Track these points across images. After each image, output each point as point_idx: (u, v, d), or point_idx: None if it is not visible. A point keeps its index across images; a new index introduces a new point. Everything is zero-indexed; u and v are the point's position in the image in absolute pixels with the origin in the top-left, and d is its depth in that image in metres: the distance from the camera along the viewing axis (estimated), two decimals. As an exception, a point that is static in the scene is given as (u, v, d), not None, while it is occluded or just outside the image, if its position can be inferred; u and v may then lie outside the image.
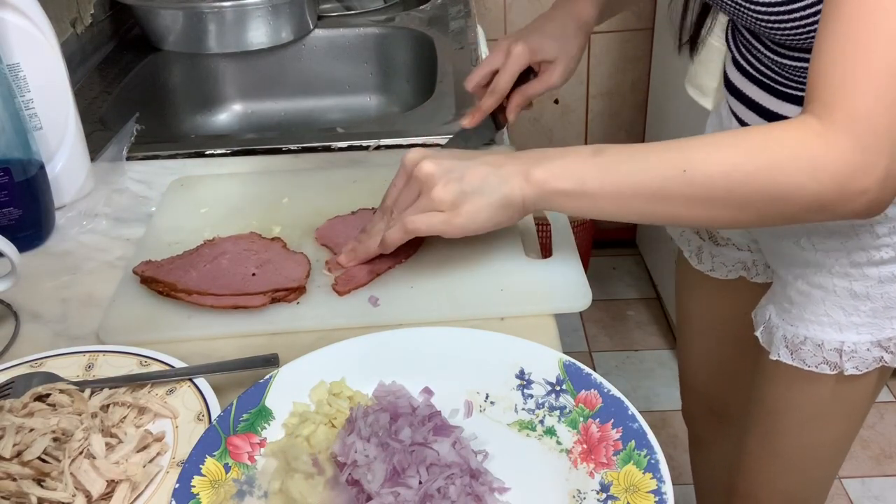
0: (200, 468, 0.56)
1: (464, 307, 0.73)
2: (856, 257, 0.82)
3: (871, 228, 0.80)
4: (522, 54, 0.91)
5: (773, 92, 0.81)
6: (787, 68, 0.77)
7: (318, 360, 0.65)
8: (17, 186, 0.84)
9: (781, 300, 0.90)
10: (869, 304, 0.83)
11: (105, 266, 0.84)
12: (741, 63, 0.85)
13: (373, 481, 0.54)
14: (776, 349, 0.90)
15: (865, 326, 0.84)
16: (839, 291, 0.84)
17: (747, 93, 0.84)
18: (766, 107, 0.82)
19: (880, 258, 0.81)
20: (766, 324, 0.92)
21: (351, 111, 1.46)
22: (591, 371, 0.62)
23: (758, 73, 0.82)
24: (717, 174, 0.64)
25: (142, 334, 0.71)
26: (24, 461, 0.55)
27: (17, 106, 0.84)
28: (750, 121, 0.85)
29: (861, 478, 1.81)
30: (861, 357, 0.85)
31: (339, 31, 1.45)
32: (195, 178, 0.97)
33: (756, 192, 0.64)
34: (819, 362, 0.87)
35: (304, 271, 0.77)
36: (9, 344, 0.73)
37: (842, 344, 0.85)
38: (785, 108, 0.80)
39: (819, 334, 0.86)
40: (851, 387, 0.88)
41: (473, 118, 0.94)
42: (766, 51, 0.79)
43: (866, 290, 0.83)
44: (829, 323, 0.85)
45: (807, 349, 0.87)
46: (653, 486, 0.53)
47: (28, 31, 0.87)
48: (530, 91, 0.94)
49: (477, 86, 0.95)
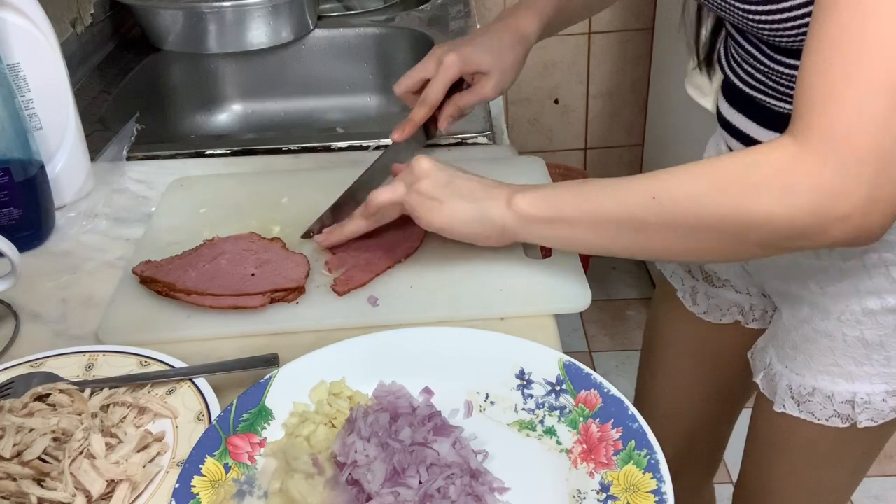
0: (200, 468, 0.56)
1: (464, 307, 0.73)
2: (868, 303, 0.75)
3: (886, 271, 0.74)
4: (454, 65, 0.89)
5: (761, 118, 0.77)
6: (780, 75, 0.73)
7: (318, 360, 0.65)
8: (17, 186, 0.84)
9: (784, 344, 0.84)
10: (883, 353, 0.77)
11: (105, 266, 0.84)
12: (733, 81, 0.79)
13: (373, 481, 0.54)
14: (780, 399, 0.84)
15: (879, 376, 0.78)
16: (849, 340, 0.78)
17: (735, 123, 0.80)
18: (753, 137, 0.78)
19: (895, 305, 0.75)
20: (767, 370, 0.86)
21: (351, 111, 1.46)
22: (591, 371, 0.62)
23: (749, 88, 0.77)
24: (684, 199, 0.62)
25: (141, 334, 0.71)
26: (24, 461, 0.55)
27: (17, 106, 0.84)
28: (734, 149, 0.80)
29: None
30: (876, 408, 0.79)
31: (339, 31, 1.45)
32: (195, 178, 0.97)
33: (725, 217, 0.60)
34: (830, 415, 0.81)
35: (304, 272, 0.77)
36: (9, 344, 0.73)
37: (854, 395, 0.79)
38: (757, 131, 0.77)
39: (829, 385, 0.80)
40: (864, 437, 0.82)
41: (404, 131, 0.92)
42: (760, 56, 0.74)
43: (880, 339, 0.76)
44: (840, 373, 0.79)
45: (816, 401, 0.81)
46: (653, 486, 0.53)
47: (28, 31, 0.87)
48: (462, 102, 0.92)
49: (406, 91, 0.94)
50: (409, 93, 0.94)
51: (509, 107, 2.29)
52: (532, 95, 2.28)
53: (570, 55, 2.23)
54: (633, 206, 0.64)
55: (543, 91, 2.28)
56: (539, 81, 2.25)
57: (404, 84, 0.93)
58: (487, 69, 0.90)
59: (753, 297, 0.93)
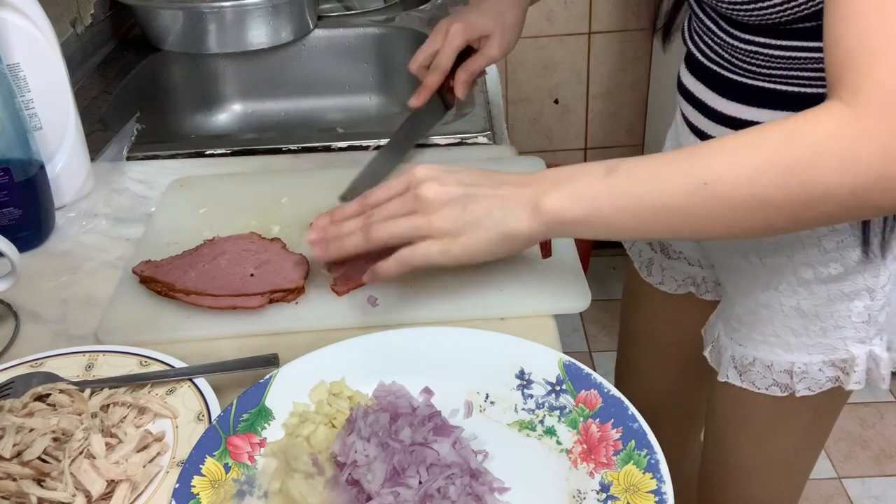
0: (200, 468, 0.56)
1: (464, 307, 0.73)
2: (803, 273, 0.79)
3: (818, 242, 0.77)
4: (459, 32, 0.94)
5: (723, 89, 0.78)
6: (735, 49, 0.74)
7: (317, 360, 0.65)
8: (17, 186, 0.84)
9: (730, 318, 0.88)
10: (819, 324, 0.80)
11: (105, 266, 0.84)
12: (693, 53, 0.83)
13: (373, 481, 0.54)
14: (724, 370, 0.88)
15: (817, 347, 0.81)
16: (787, 310, 0.81)
17: (694, 91, 0.83)
18: (709, 104, 0.80)
19: (828, 274, 0.78)
20: (715, 342, 0.90)
21: (351, 111, 1.46)
22: (591, 371, 0.62)
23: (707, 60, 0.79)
24: (742, 182, 0.58)
25: (141, 334, 0.71)
26: (24, 461, 0.55)
27: (17, 106, 0.84)
28: (698, 123, 0.83)
29: (861, 478, 1.81)
30: (813, 378, 0.82)
31: (339, 31, 1.45)
32: (195, 178, 0.97)
33: (786, 195, 0.58)
34: (769, 384, 0.85)
35: (303, 272, 0.77)
36: (9, 344, 0.73)
37: (792, 365, 0.83)
38: (732, 108, 0.78)
39: (768, 355, 0.84)
40: (805, 406, 0.86)
41: (420, 96, 0.97)
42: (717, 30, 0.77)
43: (815, 309, 0.80)
44: (778, 343, 0.83)
45: (756, 371, 0.85)
46: (653, 486, 0.53)
47: (28, 31, 0.87)
48: (473, 66, 0.97)
49: (420, 67, 0.98)
50: (423, 68, 0.98)
51: (509, 107, 2.29)
52: (532, 95, 2.28)
53: (570, 55, 2.23)
54: (683, 196, 0.61)
55: (543, 91, 2.28)
56: (539, 81, 2.25)
57: (418, 60, 0.98)
58: (490, 31, 0.96)
59: (705, 269, 0.98)
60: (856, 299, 0.79)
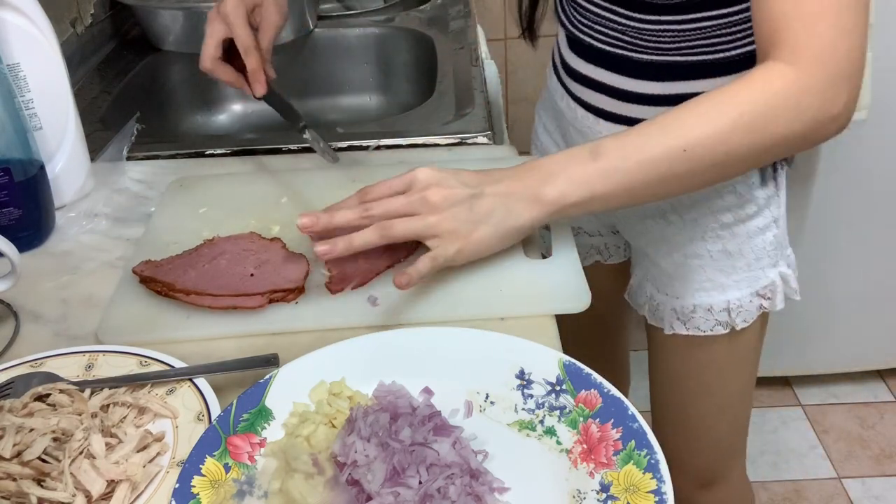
0: (200, 468, 0.56)
1: (464, 307, 0.73)
2: (723, 218, 0.89)
3: (733, 189, 0.87)
4: (237, 5, 0.89)
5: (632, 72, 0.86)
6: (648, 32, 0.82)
7: (317, 360, 0.65)
8: (17, 186, 0.84)
9: (659, 277, 0.96)
10: (743, 260, 0.90)
11: (105, 266, 0.84)
12: (590, 42, 0.88)
13: (373, 481, 0.54)
14: (669, 324, 0.95)
15: (745, 281, 0.91)
16: (715, 255, 0.90)
17: (599, 78, 0.89)
18: (625, 89, 0.87)
19: (746, 214, 0.89)
20: (650, 302, 0.98)
21: (351, 111, 1.46)
22: (591, 371, 0.62)
23: (613, 48, 0.86)
24: (716, 143, 0.68)
25: (141, 334, 0.71)
26: (24, 461, 0.55)
27: (17, 106, 0.84)
28: (605, 105, 0.89)
29: (861, 478, 1.81)
30: (746, 310, 0.92)
31: (339, 31, 1.45)
32: (195, 178, 0.97)
33: (751, 147, 0.68)
34: (713, 325, 0.93)
35: (303, 272, 0.77)
36: (9, 344, 0.73)
37: (728, 303, 0.92)
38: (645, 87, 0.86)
39: (706, 300, 0.92)
40: (742, 339, 0.95)
41: (259, 82, 0.92)
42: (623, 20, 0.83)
43: (739, 248, 0.90)
44: (713, 287, 0.91)
45: (699, 316, 0.93)
46: (653, 486, 0.53)
47: (28, 31, 0.87)
48: (264, 41, 0.92)
49: (214, 61, 0.92)
50: (217, 62, 0.92)
51: (509, 107, 2.29)
52: (532, 95, 2.27)
53: (570, 55, 2.23)
54: (667, 164, 0.69)
55: (543, 91, 2.27)
56: (539, 82, 2.25)
57: (207, 56, 0.91)
58: None
59: (605, 236, 1.07)
60: (767, 231, 0.91)
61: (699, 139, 0.68)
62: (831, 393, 2.02)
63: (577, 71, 0.91)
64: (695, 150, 0.68)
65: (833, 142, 1.41)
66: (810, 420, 1.96)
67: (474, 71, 1.24)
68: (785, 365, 1.99)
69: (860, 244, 1.77)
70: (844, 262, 1.79)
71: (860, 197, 1.71)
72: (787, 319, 1.88)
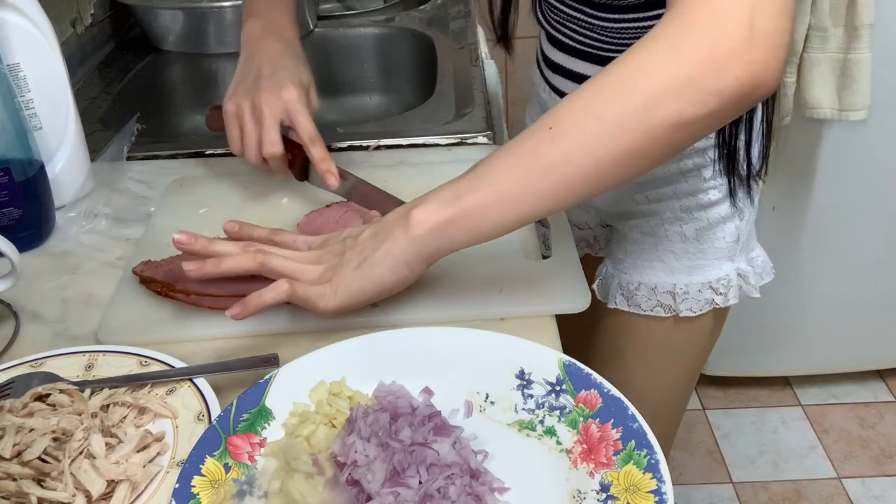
0: (200, 468, 0.56)
1: (464, 307, 0.73)
2: (686, 202, 0.88)
3: (698, 173, 0.87)
4: (301, 95, 0.85)
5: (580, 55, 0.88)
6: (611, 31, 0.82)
7: (317, 360, 0.65)
8: (17, 186, 0.84)
9: (616, 252, 0.96)
10: (698, 246, 0.90)
11: (105, 266, 0.84)
12: (564, 41, 0.90)
13: (373, 481, 0.54)
14: (612, 297, 0.95)
15: (696, 269, 0.90)
16: (671, 236, 0.90)
17: (578, 70, 0.90)
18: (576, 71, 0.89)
19: (708, 200, 0.88)
20: (602, 276, 0.98)
21: (351, 111, 1.46)
22: (591, 371, 0.62)
23: (585, 46, 0.87)
24: (581, 107, 0.61)
25: (141, 334, 0.71)
26: (24, 461, 0.55)
27: (17, 106, 0.84)
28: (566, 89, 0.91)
29: (861, 478, 1.81)
30: (694, 298, 0.91)
31: (339, 31, 1.45)
32: (195, 178, 0.97)
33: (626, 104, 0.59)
34: (654, 305, 0.92)
35: (304, 271, 0.76)
36: (9, 344, 0.73)
37: (674, 286, 0.91)
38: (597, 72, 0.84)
39: (652, 278, 0.92)
40: (688, 329, 0.94)
41: (333, 173, 0.84)
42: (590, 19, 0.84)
43: (696, 233, 0.89)
44: (662, 268, 0.91)
45: (641, 294, 0.93)
46: (653, 486, 0.53)
47: (28, 31, 0.87)
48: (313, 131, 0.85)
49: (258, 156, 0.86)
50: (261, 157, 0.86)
51: (509, 107, 2.28)
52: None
53: (570, 55, 2.23)
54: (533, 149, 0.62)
55: (543, 91, 2.27)
56: (539, 81, 2.25)
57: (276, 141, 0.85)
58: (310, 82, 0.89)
59: (595, 229, 1.07)
60: (729, 221, 0.89)
61: (564, 112, 0.61)
62: (831, 393, 2.03)
63: (557, 63, 0.93)
64: (561, 126, 0.61)
65: (833, 142, 1.44)
66: (810, 420, 1.96)
67: (474, 71, 1.24)
68: (785, 365, 1.99)
69: (860, 244, 1.77)
70: (844, 261, 1.80)
71: (860, 197, 1.71)
72: (787, 319, 1.88)
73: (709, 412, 1.99)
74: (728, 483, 1.81)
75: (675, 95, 0.58)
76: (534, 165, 0.62)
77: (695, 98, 0.58)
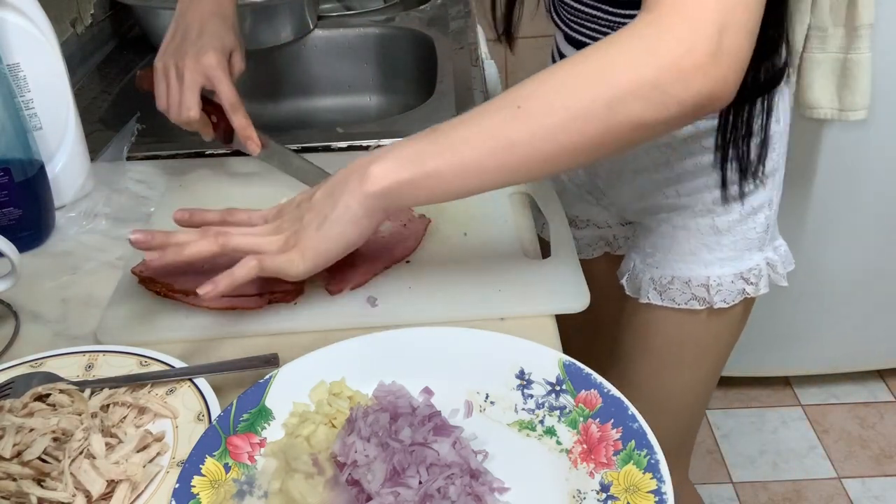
0: (200, 468, 0.56)
1: (464, 307, 0.73)
2: (718, 194, 0.88)
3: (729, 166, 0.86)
4: (221, 60, 0.87)
5: None
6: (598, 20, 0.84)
7: (317, 360, 0.65)
8: (17, 186, 0.84)
9: (644, 247, 0.96)
10: (730, 238, 0.90)
11: (105, 266, 0.84)
12: (577, 38, 0.89)
13: (373, 481, 0.54)
14: (645, 293, 0.95)
15: (728, 260, 0.91)
16: (703, 229, 0.90)
17: None
18: None
19: (740, 192, 0.88)
20: (631, 272, 0.97)
21: (351, 111, 1.46)
22: (590, 371, 0.62)
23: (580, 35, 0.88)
24: (551, 92, 0.62)
25: (141, 335, 0.71)
26: (24, 461, 0.55)
27: (17, 106, 0.84)
28: None
29: (861, 478, 1.81)
30: (727, 290, 0.91)
31: (339, 31, 1.45)
32: (195, 178, 0.97)
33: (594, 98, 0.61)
34: (688, 299, 0.92)
35: (304, 271, 0.76)
36: (9, 344, 0.73)
37: (708, 279, 0.91)
38: None
39: (685, 272, 0.92)
40: (720, 321, 0.94)
41: (252, 139, 0.89)
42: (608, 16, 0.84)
43: (728, 225, 0.89)
44: (695, 261, 0.91)
45: (675, 288, 0.92)
46: (653, 486, 0.53)
47: (28, 31, 0.87)
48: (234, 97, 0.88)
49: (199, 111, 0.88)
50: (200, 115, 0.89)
51: (509, 107, 2.29)
52: (532, 95, 2.27)
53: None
54: (500, 122, 0.63)
55: (543, 91, 2.27)
56: (539, 81, 2.25)
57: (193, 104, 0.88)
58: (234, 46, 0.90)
59: (614, 227, 1.07)
60: (759, 212, 0.90)
61: (534, 92, 0.63)
62: (831, 393, 2.03)
63: None
64: (529, 106, 0.62)
65: (833, 142, 1.43)
66: (810, 420, 1.96)
67: (474, 71, 1.24)
68: (785, 365, 1.99)
69: (860, 244, 1.77)
70: (844, 261, 1.79)
71: (860, 197, 1.71)
72: (787, 319, 1.88)
73: (709, 412, 1.99)
74: (728, 483, 1.81)
75: (640, 97, 0.60)
76: (497, 141, 0.63)
77: (658, 103, 0.60)
